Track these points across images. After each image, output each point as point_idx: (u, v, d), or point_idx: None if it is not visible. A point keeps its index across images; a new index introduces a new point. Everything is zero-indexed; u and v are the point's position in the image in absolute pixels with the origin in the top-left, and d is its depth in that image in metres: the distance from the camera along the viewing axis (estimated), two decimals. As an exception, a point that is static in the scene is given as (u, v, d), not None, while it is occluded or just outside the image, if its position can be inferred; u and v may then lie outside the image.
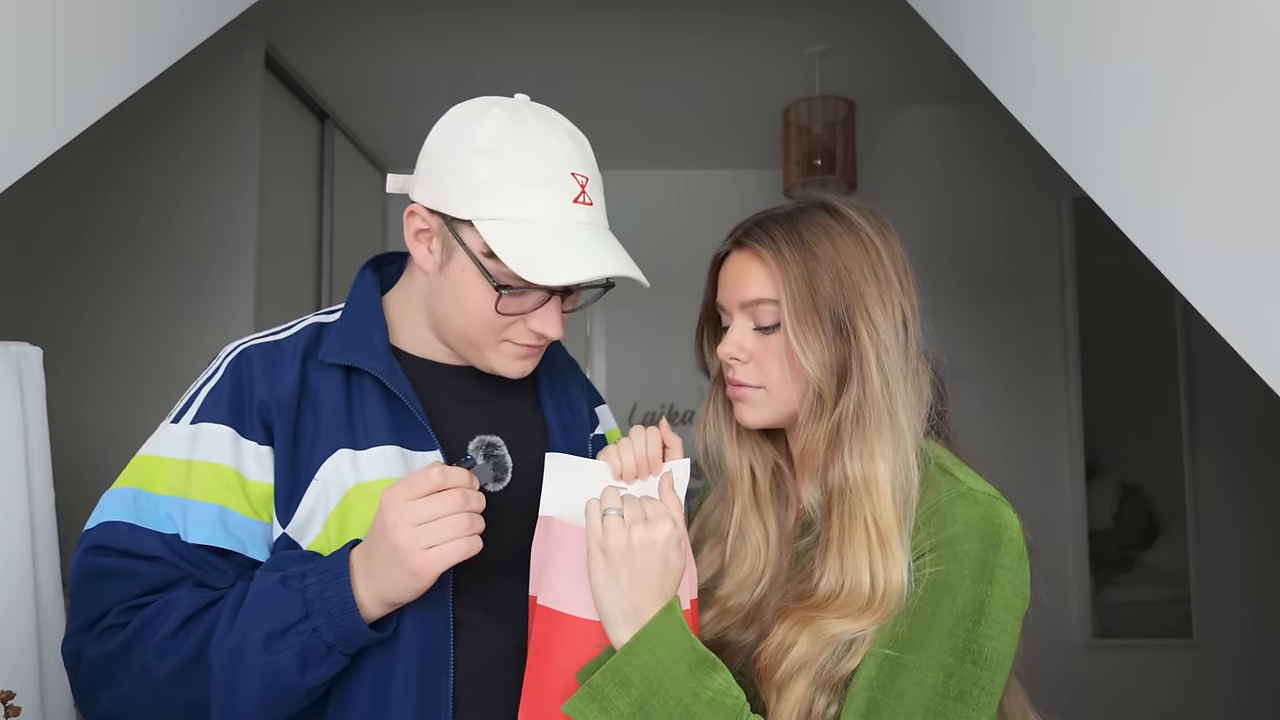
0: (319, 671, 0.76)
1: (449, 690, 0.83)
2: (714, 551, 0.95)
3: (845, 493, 0.81)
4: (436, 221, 0.86)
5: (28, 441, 1.21)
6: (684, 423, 4.06)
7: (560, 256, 0.81)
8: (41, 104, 1.18)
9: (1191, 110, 0.95)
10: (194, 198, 2.51)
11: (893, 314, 0.84)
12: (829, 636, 0.77)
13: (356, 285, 0.94)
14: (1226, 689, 3.03)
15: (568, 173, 0.85)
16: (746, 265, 0.88)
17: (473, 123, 0.85)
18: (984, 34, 1.36)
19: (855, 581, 0.77)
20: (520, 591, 0.88)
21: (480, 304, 0.85)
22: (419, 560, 0.74)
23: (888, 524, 0.78)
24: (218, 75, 2.50)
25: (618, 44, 2.78)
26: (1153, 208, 1.03)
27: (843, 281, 0.83)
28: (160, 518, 0.81)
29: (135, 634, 0.77)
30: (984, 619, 0.75)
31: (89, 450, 2.17)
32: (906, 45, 2.67)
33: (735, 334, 0.89)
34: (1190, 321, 3.08)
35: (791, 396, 0.87)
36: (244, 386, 0.85)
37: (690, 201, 4.05)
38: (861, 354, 0.82)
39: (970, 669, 0.74)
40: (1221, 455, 3.10)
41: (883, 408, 0.81)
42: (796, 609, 0.80)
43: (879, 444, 0.81)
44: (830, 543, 0.81)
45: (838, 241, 0.85)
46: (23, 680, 1.14)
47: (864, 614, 0.76)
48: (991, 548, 0.76)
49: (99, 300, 2.45)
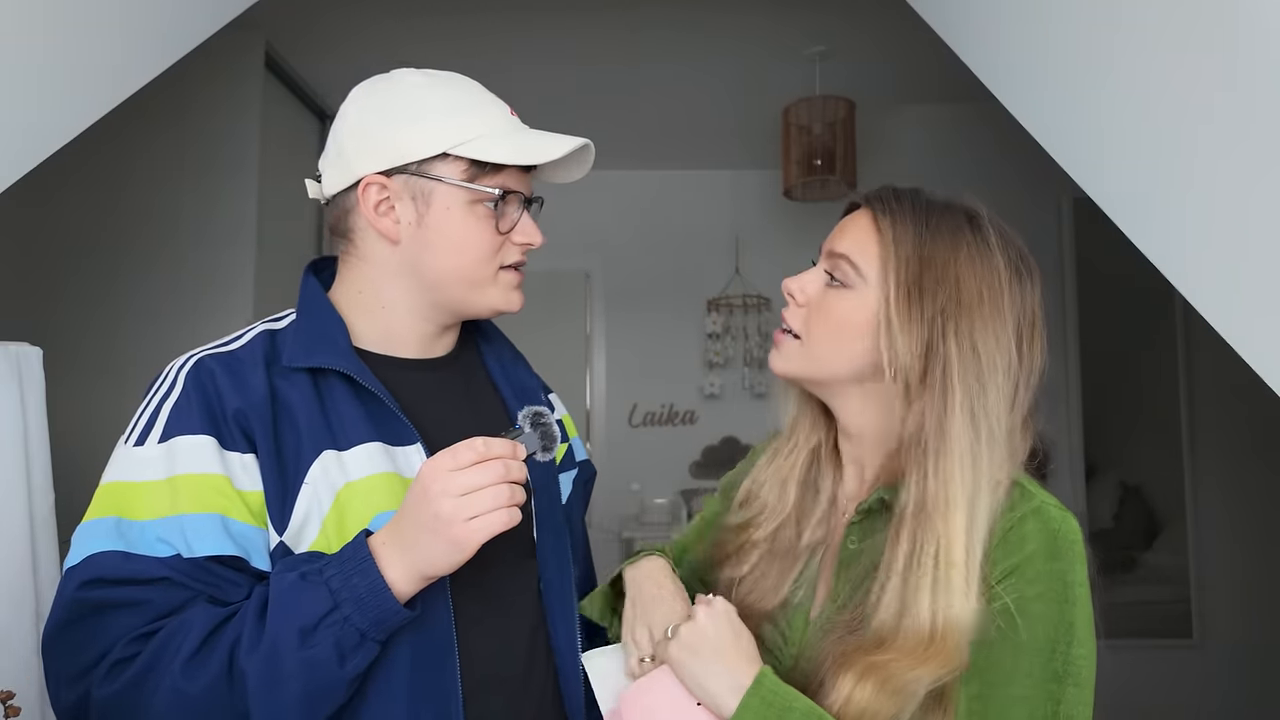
0: (356, 660, 0.75)
1: (455, 673, 0.83)
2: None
3: (921, 514, 0.77)
4: (399, 181, 0.88)
5: (28, 441, 1.21)
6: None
7: (541, 141, 0.89)
8: (41, 104, 1.18)
9: (1192, 110, 0.95)
10: (194, 197, 2.51)
11: (1000, 349, 0.79)
12: (901, 685, 0.72)
13: (305, 290, 0.94)
14: (1226, 689, 3.03)
15: (491, 95, 0.94)
16: (861, 224, 0.85)
17: (393, 86, 0.91)
18: (984, 34, 1.36)
19: (915, 616, 0.74)
20: (508, 569, 0.89)
21: (475, 233, 0.89)
22: (461, 531, 0.73)
23: (957, 554, 0.74)
24: (218, 75, 2.50)
25: (618, 45, 2.78)
26: (1153, 208, 1.03)
27: (947, 288, 0.79)
28: (150, 543, 0.77)
29: (151, 663, 0.74)
30: (1074, 639, 0.74)
31: (89, 450, 2.17)
32: (906, 45, 2.67)
33: (808, 274, 0.87)
34: (1190, 321, 3.08)
35: (827, 362, 0.84)
36: (212, 397, 0.82)
37: (690, 201, 4.05)
38: (946, 363, 0.78)
39: (1074, 691, 0.73)
40: (1221, 455, 3.10)
41: (965, 432, 0.77)
42: (858, 656, 0.75)
43: (958, 469, 0.77)
44: (894, 567, 0.77)
45: (961, 251, 0.81)
46: (23, 680, 1.14)
47: (927, 657, 0.72)
48: (1068, 565, 0.75)
49: (99, 300, 2.45)
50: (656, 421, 4.07)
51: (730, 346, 4.01)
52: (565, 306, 4.05)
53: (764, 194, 3.92)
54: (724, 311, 3.99)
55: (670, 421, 4.07)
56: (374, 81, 0.93)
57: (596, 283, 4.08)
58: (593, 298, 4.09)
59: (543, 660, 0.92)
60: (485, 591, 0.88)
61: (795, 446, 0.93)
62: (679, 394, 4.07)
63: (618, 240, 3.99)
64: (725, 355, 4.00)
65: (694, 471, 4.02)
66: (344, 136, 0.91)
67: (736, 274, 3.99)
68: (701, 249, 4.05)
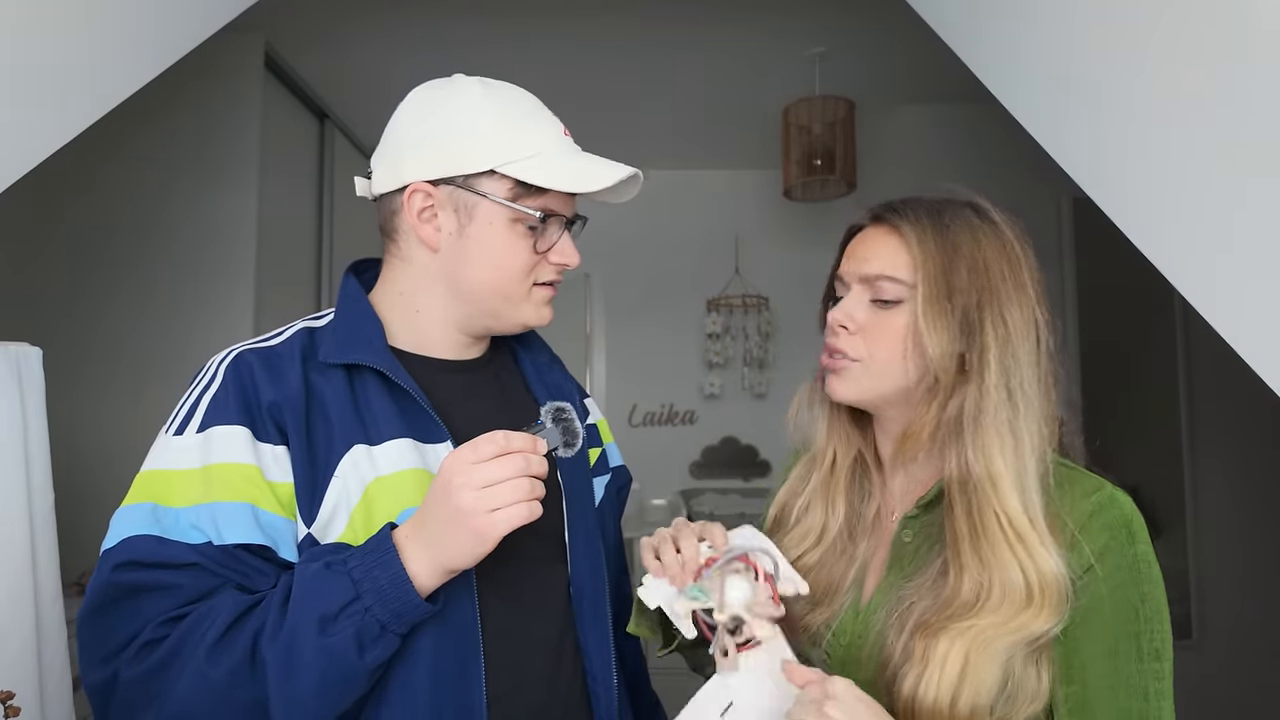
0: (376, 651, 0.76)
1: (480, 672, 0.83)
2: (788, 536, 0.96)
3: (968, 486, 0.80)
4: (445, 191, 0.89)
5: (27, 441, 1.20)
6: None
7: (590, 168, 0.89)
8: (41, 104, 1.18)
9: (1192, 110, 0.95)
10: (194, 198, 2.51)
11: (1026, 320, 0.83)
12: (1006, 644, 0.74)
13: (345, 289, 0.96)
14: (1226, 689, 3.03)
15: (547, 113, 0.94)
16: (882, 240, 0.87)
17: (449, 94, 0.91)
18: (984, 34, 1.36)
19: (1006, 578, 0.76)
20: (538, 570, 0.90)
21: (513, 250, 0.89)
22: (483, 523, 0.74)
23: (1020, 519, 0.77)
24: (218, 75, 2.50)
25: (618, 45, 2.78)
26: (1152, 208, 1.03)
27: (979, 276, 0.83)
28: (184, 529, 0.79)
29: (178, 645, 0.76)
30: (1158, 616, 0.76)
31: (89, 450, 2.17)
32: (906, 45, 2.67)
33: (849, 303, 0.88)
34: (1190, 321, 3.08)
35: (892, 376, 0.86)
36: (249, 389, 0.84)
37: (690, 201, 4.05)
38: (984, 349, 0.82)
39: (1163, 666, 0.76)
40: (1221, 455, 3.10)
41: (1003, 407, 0.81)
42: (946, 623, 0.76)
43: (1000, 442, 0.80)
44: (963, 538, 0.79)
45: (979, 237, 0.85)
46: (23, 680, 1.14)
47: (1030, 611, 0.74)
48: (1144, 544, 0.77)
49: (99, 300, 2.45)
50: (656, 421, 4.07)
51: (730, 346, 4.01)
52: (565, 306, 4.04)
53: (764, 194, 3.93)
54: (724, 311, 3.99)
55: (670, 421, 4.07)
56: (432, 86, 0.93)
57: (596, 283, 4.08)
58: (593, 298, 4.09)
59: (570, 663, 0.92)
60: (513, 592, 0.88)
61: (835, 463, 0.95)
62: (679, 394, 4.07)
63: (618, 240, 3.99)
64: (725, 355, 4.00)
65: (694, 472, 4.02)
66: (395, 139, 0.92)
67: (736, 274, 3.99)
68: (701, 249, 4.05)
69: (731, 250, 4.02)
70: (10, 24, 1.10)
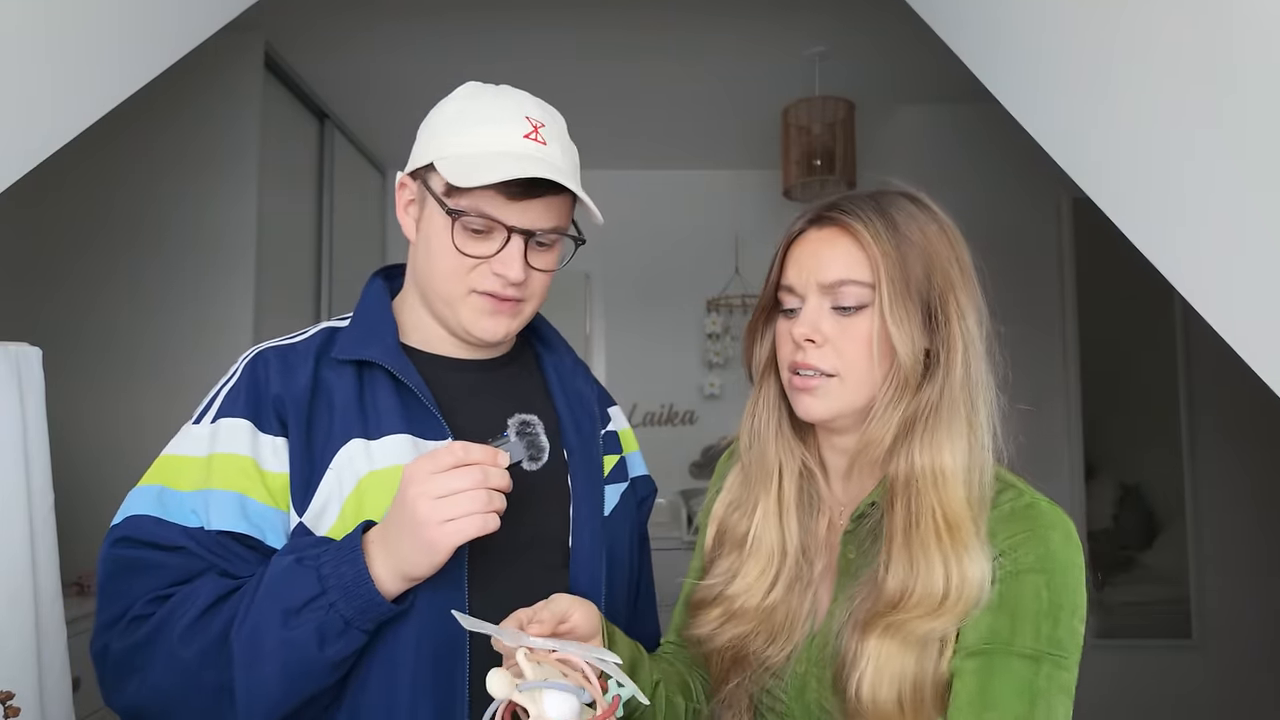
0: (338, 646, 0.77)
1: (464, 675, 0.83)
2: (732, 556, 0.91)
3: (911, 484, 0.78)
4: (415, 184, 0.93)
5: (27, 442, 1.20)
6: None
7: (495, 167, 0.85)
8: (41, 104, 1.18)
9: (1192, 110, 0.95)
10: (194, 198, 2.51)
11: (978, 308, 0.83)
12: (918, 637, 0.75)
13: (367, 290, 0.99)
14: (1226, 689, 3.03)
15: (521, 115, 0.90)
16: (832, 242, 0.83)
17: (453, 94, 0.94)
18: (983, 34, 1.36)
19: (927, 580, 0.75)
20: (537, 576, 0.89)
21: (445, 248, 0.89)
22: (436, 533, 0.75)
23: (958, 516, 0.76)
24: (218, 75, 2.50)
25: (617, 45, 2.78)
26: (1152, 208, 1.03)
27: (933, 269, 0.81)
28: (184, 513, 0.83)
29: (161, 623, 0.79)
30: (1076, 613, 0.76)
31: (89, 450, 2.17)
32: (905, 46, 2.67)
33: (810, 314, 0.83)
34: (1190, 321, 3.08)
35: (867, 386, 0.82)
36: (261, 383, 0.88)
37: (690, 201, 4.05)
38: (950, 343, 0.80)
39: (1055, 670, 0.74)
40: (1221, 455, 3.10)
41: (961, 400, 0.80)
42: (876, 620, 0.77)
43: (950, 437, 0.79)
44: (895, 537, 0.78)
45: (925, 229, 0.82)
46: (23, 680, 1.14)
47: (942, 611, 0.75)
48: (1075, 550, 0.77)
49: (99, 300, 2.45)
50: (656, 421, 4.07)
51: (730, 347, 4.00)
52: (565, 306, 4.05)
53: (764, 194, 3.92)
54: (724, 311, 3.99)
55: (670, 421, 4.07)
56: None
57: (596, 283, 4.08)
58: (592, 298, 4.09)
59: None
60: (508, 595, 0.87)
61: (782, 479, 0.90)
62: (679, 394, 4.07)
63: (617, 240, 3.98)
64: (725, 355, 3.99)
65: (694, 472, 4.02)
66: None
67: (736, 274, 3.99)
68: (701, 249, 4.04)
69: (731, 250, 4.02)
70: (10, 24, 1.10)
